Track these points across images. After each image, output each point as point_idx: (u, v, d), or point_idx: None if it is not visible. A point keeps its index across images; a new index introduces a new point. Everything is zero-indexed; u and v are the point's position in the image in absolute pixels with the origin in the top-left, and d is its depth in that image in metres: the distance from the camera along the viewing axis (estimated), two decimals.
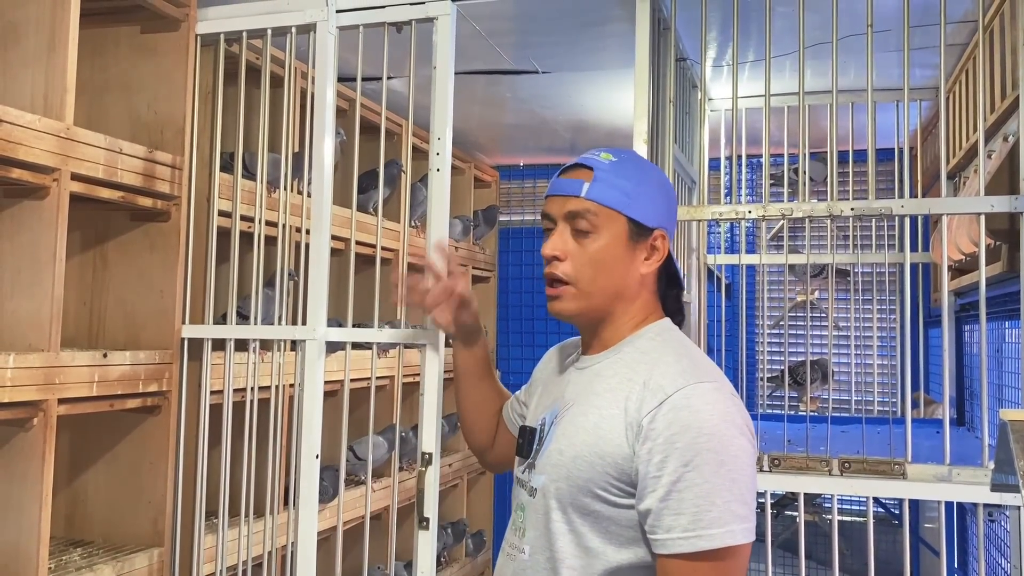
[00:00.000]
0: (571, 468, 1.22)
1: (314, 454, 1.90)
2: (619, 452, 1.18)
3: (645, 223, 1.28)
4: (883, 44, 2.25)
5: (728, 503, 1.12)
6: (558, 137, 3.75)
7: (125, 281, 2.07)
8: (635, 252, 1.28)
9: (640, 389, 1.19)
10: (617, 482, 1.18)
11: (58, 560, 1.87)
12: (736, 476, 1.13)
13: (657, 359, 1.23)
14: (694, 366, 1.22)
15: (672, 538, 1.12)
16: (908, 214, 1.72)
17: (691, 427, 1.13)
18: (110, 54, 2.11)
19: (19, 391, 1.63)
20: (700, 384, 1.17)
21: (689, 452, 1.12)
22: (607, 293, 1.28)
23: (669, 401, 1.16)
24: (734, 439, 1.15)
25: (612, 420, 1.20)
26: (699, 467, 1.12)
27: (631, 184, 1.28)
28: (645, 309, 1.32)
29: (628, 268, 1.28)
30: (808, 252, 2.87)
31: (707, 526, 1.11)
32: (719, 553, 1.11)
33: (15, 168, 1.66)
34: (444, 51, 1.84)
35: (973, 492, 1.61)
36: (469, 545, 3.82)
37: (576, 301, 1.29)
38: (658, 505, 1.13)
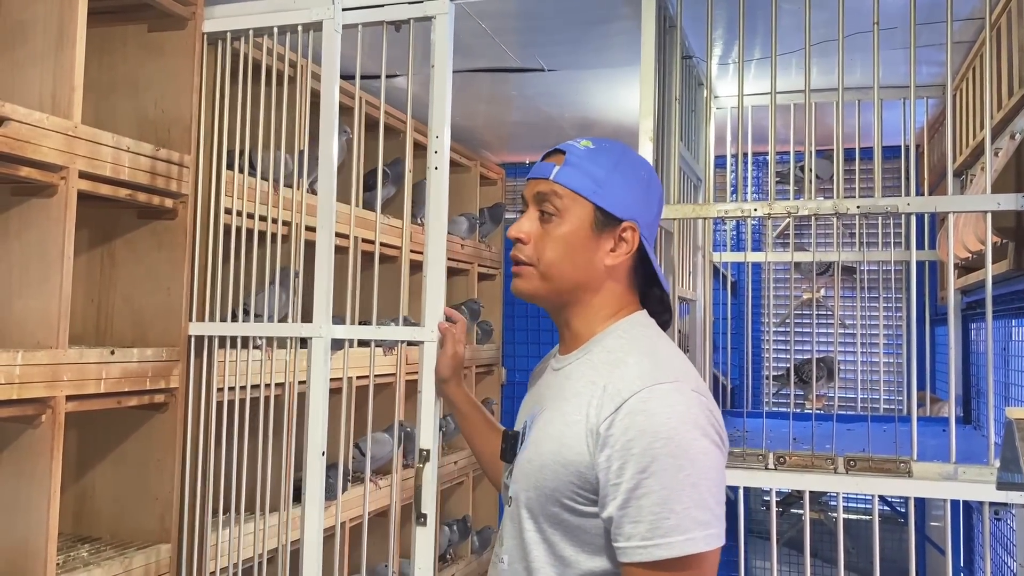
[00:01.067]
0: (538, 477, 1.19)
1: (320, 451, 1.91)
2: (581, 460, 1.14)
3: (614, 213, 1.24)
4: (889, 42, 2.25)
5: (688, 509, 1.07)
6: (564, 135, 3.75)
7: (132, 279, 2.08)
8: (599, 241, 1.24)
9: (600, 394, 1.16)
10: (581, 491, 1.15)
11: (66, 556, 1.88)
12: (697, 480, 1.08)
13: (620, 360, 1.19)
14: (655, 366, 1.17)
15: (632, 546, 1.09)
16: (914, 212, 1.72)
17: (647, 432, 1.09)
18: (117, 52, 2.12)
19: (27, 388, 1.64)
20: (657, 386, 1.12)
21: (646, 458, 1.08)
22: (567, 279, 1.25)
23: (626, 406, 1.12)
24: (694, 441, 1.10)
25: (575, 427, 1.17)
26: (656, 473, 1.08)
27: (603, 172, 1.24)
28: (615, 303, 1.27)
29: (591, 257, 1.24)
30: (814, 250, 2.87)
31: (666, 534, 1.07)
32: (680, 562, 1.07)
33: (23, 166, 1.67)
34: (442, 50, 1.84)
35: (979, 490, 1.60)
36: (475, 542, 3.83)
37: (533, 281, 1.27)
38: (618, 513, 1.10)
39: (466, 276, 3.87)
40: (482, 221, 3.92)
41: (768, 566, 1.83)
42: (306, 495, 1.90)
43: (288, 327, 2.01)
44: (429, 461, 1.75)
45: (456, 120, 3.51)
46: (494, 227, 4.06)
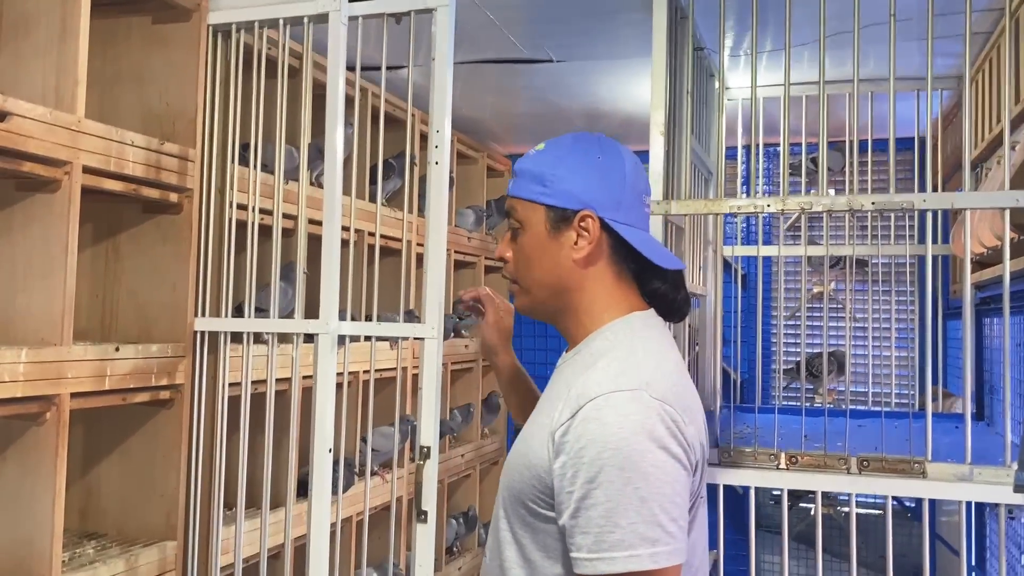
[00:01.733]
0: (509, 478, 1.19)
1: (327, 447, 1.89)
2: (540, 464, 1.13)
3: (564, 206, 1.21)
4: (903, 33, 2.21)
5: (634, 524, 1.03)
6: (572, 126, 3.72)
7: (137, 273, 2.06)
8: (560, 240, 1.21)
9: (566, 398, 1.13)
10: (541, 495, 1.13)
11: (72, 552, 1.87)
12: (646, 495, 1.04)
13: (592, 364, 1.16)
14: (621, 372, 1.12)
15: (580, 558, 1.06)
16: (930, 209, 1.69)
17: (597, 440, 1.06)
18: (122, 45, 2.09)
19: (31, 385, 1.62)
20: (616, 393, 1.08)
21: (594, 467, 1.05)
22: (544, 286, 1.24)
23: (581, 412, 1.09)
24: (647, 453, 1.05)
25: (541, 431, 1.15)
26: (603, 484, 1.04)
27: (547, 169, 1.22)
28: (605, 299, 1.23)
29: (556, 257, 1.21)
30: (827, 243, 2.83)
31: (609, 548, 1.04)
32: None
33: (26, 161, 1.65)
34: (443, 42, 1.81)
35: (995, 492, 1.58)
36: (481, 535, 3.82)
37: (522, 298, 1.28)
38: (570, 522, 1.07)
39: (473, 269, 3.85)
40: (489, 213, 3.89)
41: (776, 560, 1.81)
42: (313, 491, 1.89)
43: (294, 323, 1.99)
44: (430, 458, 1.73)
45: (463, 111, 3.49)
46: (501, 219, 4.03)
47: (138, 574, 1.88)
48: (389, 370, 2.70)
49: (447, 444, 3.51)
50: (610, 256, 1.22)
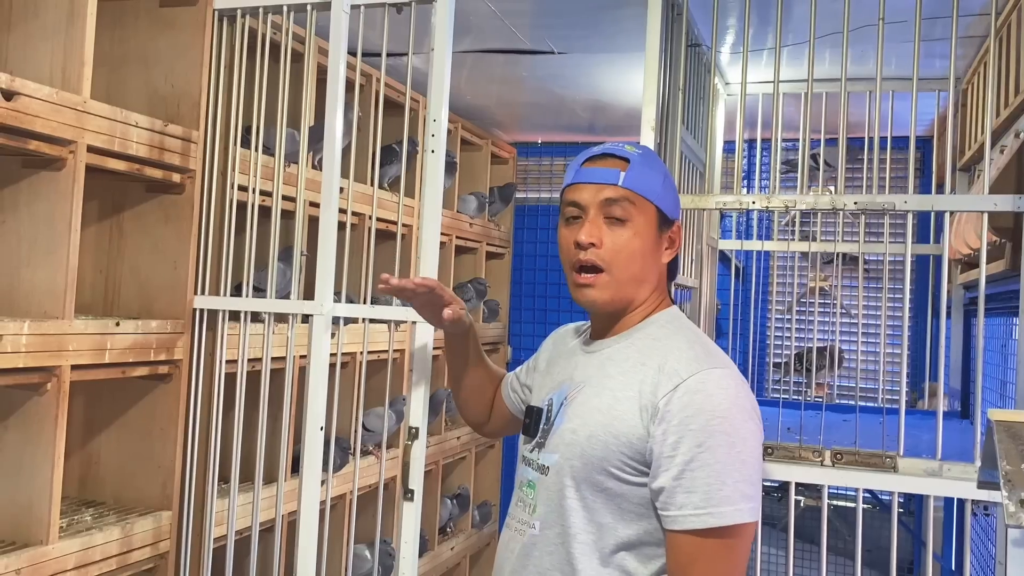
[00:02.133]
0: (585, 447, 1.26)
1: (318, 425, 1.95)
2: (633, 432, 1.22)
3: (669, 215, 1.34)
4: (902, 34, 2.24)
5: (737, 483, 1.17)
6: (576, 116, 3.75)
7: (139, 251, 2.12)
8: (660, 242, 1.33)
9: (655, 373, 1.24)
10: (631, 461, 1.23)
11: (70, 519, 1.93)
12: (745, 458, 1.19)
13: (670, 345, 1.28)
14: (707, 353, 1.27)
15: (684, 515, 1.18)
16: (911, 210, 1.73)
17: (704, 410, 1.18)
18: (129, 27, 2.14)
19: (33, 356, 1.68)
20: (713, 370, 1.22)
21: (703, 434, 1.17)
22: (636, 281, 1.32)
23: (684, 385, 1.20)
24: (744, 423, 1.20)
25: (627, 402, 1.24)
26: (711, 448, 1.17)
27: (659, 176, 1.33)
28: (657, 297, 1.36)
29: (655, 258, 1.33)
30: (819, 240, 2.87)
31: (717, 504, 1.16)
32: (728, 531, 1.17)
33: (33, 140, 1.70)
34: (442, 33, 1.84)
35: (962, 488, 1.62)
36: (475, 516, 3.88)
37: (609, 290, 1.32)
38: (671, 483, 1.18)
39: (474, 255, 3.89)
40: (492, 200, 3.93)
41: (762, 550, 1.86)
42: (304, 467, 1.94)
43: (291, 303, 2.04)
44: (418, 439, 1.79)
45: (468, 99, 3.52)
46: (504, 206, 4.07)
47: (133, 542, 1.94)
48: (384, 352, 2.75)
49: (443, 426, 3.57)
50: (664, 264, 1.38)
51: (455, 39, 1.88)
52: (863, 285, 2.91)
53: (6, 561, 1.63)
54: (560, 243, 1.37)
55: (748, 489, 1.18)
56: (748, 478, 1.19)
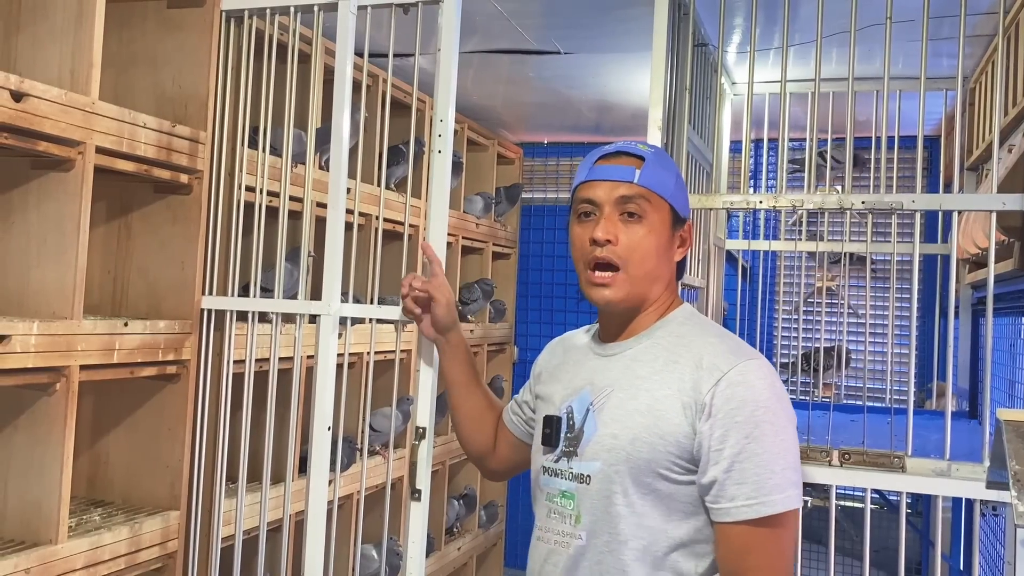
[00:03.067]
0: (630, 451, 1.25)
1: (326, 425, 1.95)
2: (679, 431, 1.23)
3: (681, 213, 1.35)
4: (910, 33, 2.23)
5: (784, 470, 1.20)
6: (582, 116, 3.75)
7: (147, 252, 2.12)
8: (673, 240, 1.35)
9: (693, 370, 1.25)
10: (679, 459, 1.24)
11: (79, 519, 1.94)
12: (789, 445, 1.22)
13: (700, 341, 1.29)
14: (738, 345, 1.29)
15: (736, 506, 1.19)
16: (919, 209, 1.72)
17: (748, 401, 1.20)
18: (136, 28, 2.15)
19: (42, 357, 1.69)
20: (750, 360, 1.24)
21: (749, 425, 1.19)
22: (650, 279, 1.32)
23: (726, 378, 1.22)
24: (784, 410, 1.23)
25: (667, 400, 1.25)
26: (758, 438, 1.19)
27: (672, 175, 1.34)
28: (669, 296, 1.37)
29: (668, 255, 1.34)
30: (827, 240, 2.86)
31: (768, 492, 1.18)
32: (778, 518, 1.19)
33: (41, 141, 1.71)
34: (449, 34, 1.84)
35: (970, 488, 1.62)
36: (482, 516, 3.88)
37: (625, 288, 1.31)
38: (722, 476, 1.20)
39: (480, 255, 3.89)
40: (498, 200, 3.93)
41: None
42: (311, 467, 1.95)
43: (298, 304, 2.05)
44: (425, 439, 1.79)
45: (475, 99, 3.52)
46: (510, 206, 4.07)
47: (142, 542, 1.95)
48: (391, 352, 2.76)
49: (449, 426, 3.57)
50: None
51: (461, 39, 1.88)
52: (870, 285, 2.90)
53: (16, 560, 1.64)
54: (573, 241, 1.36)
55: (794, 476, 1.21)
56: (793, 464, 1.21)
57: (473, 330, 3.71)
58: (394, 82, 2.56)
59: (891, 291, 2.18)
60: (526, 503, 4.72)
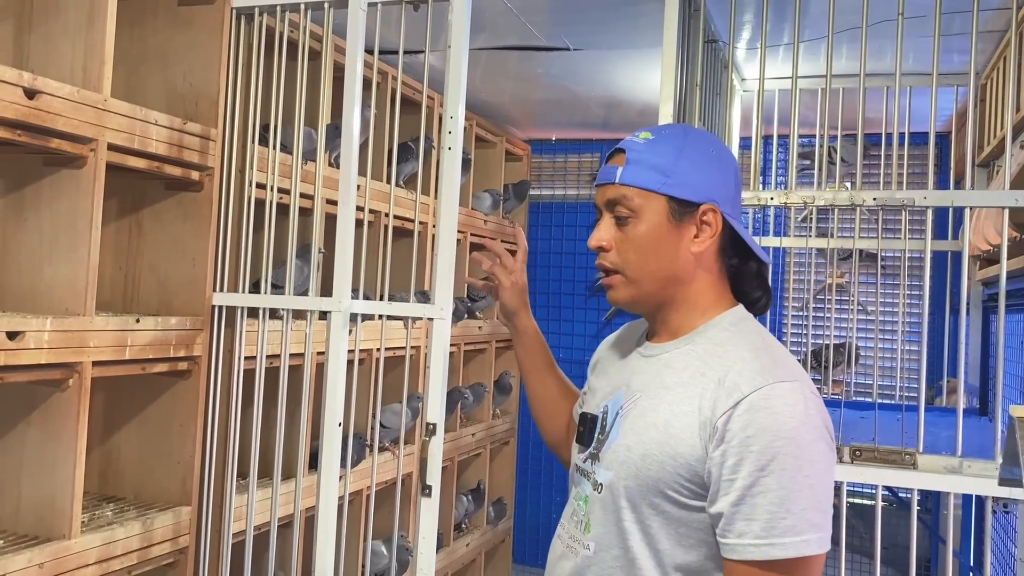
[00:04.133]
0: (640, 466, 1.17)
1: (336, 421, 1.96)
2: (691, 453, 1.13)
3: (689, 199, 1.21)
4: (921, 29, 2.23)
5: (804, 511, 1.06)
6: (591, 113, 3.75)
7: (159, 248, 2.13)
8: (681, 231, 1.22)
9: (715, 387, 1.14)
10: (688, 483, 1.14)
11: (91, 514, 1.95)
12: (814, 482, 1.08)
13: (733, 354, 1.17)
14: (773, 363, 1.15)
15: (743, 544, 1.08)
16: (930, 206, 1.72)
17: (768, 430, 1.08)
18: (148, 25, 2.15)
19: (55, 353, 1.70)
20: (780, 384, 1.11)
21: (765, 456, 1.07)
22: (658, 278, 1.23)
23: (746, 401, 1.10)
24: (813, 443, 1.09)
25: (685, 418, 1.15)
26: (775, 472, 1.07)
27: (667, 160, 1.21)
28: (712, 292, 1.25)
29: (676, 249, 1.22)
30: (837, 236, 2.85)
31: (781, 534, 1.06)
32: (792, 564, 1.06)
33: (54, 138, 1.72)
34: (459, 31, 1.84)
35: (983, 485, 1.61)
36: (490, 512, 3.89)
37: (626, 289, 1.24)
38: (730, 509, 1.09)
39: (489, 252, 3.89)
40: (506, 197, 3.93)
41: None
42: (322, 463, 1.96)
43: (308, 300, 2.05)
44: (435, 435, 1.79)
45: (483, 96, 3.52)
46: (518, 203, 4.07)
47: (154, 537, 1.96)
48: (401, 349, 2.76)
49: (458, 423, 3.58)
50: (719, 250, 1.25)
51: (471, 36, 1.89)
52: (881, 281, 2.90)
53: (29, 555, 1.65)
54: None
55: (816, 517, 1.07)
56: (816, 505, 1.07)
57: (481, 327, 3.71)
58: (404, 79, 2.57)
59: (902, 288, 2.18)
60: (535, 499, 4.74)
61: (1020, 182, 1.78)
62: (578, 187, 4.37)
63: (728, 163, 1.26)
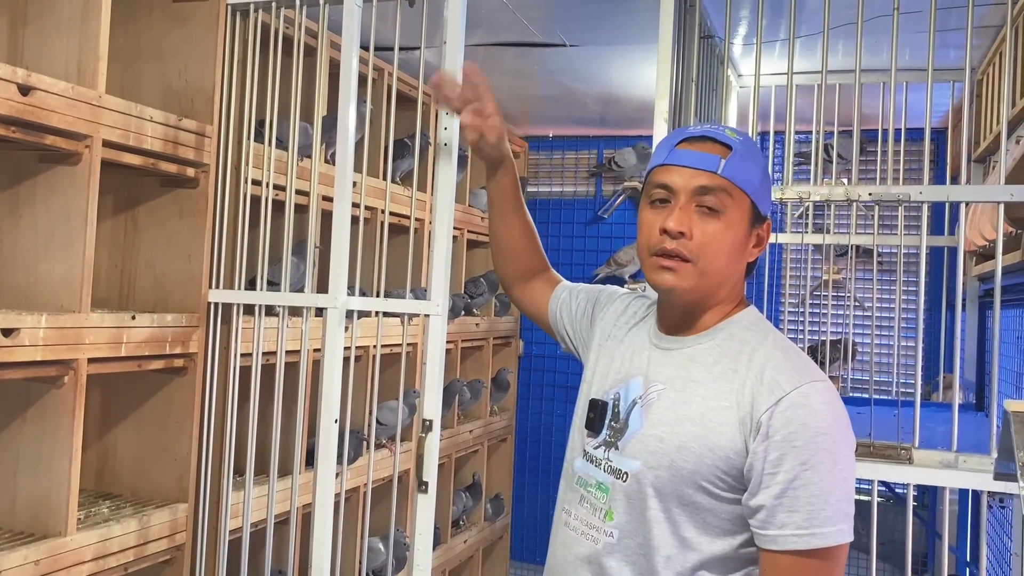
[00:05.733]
0: (675, 457, 1.20)
1: (333, 418, 1.96)
2: (731, 446, 1.17)
3: (763, 210, 1.25)
4: (917, 24, 2.23)
5: (840, 502, 1.13)
6: (588, 109, 3.74)
7: (154, 245, 2.13)
8: (749, 239, 1.25)
9: (753, 383, 1.18)
10: (725, 476, 1.18)
11: (87, 511, 1.95)
12: (847, 475, 1.15)
13: (764, 352, 1.21)
14: (805, 364, 1.22)
15: (785, 535, 1.13)
16: (926, 201, 1.72)
17: (809, 426, 1.14)
18: (143, 21, 2.15)
19: (51, 350, 1.70)
20: (815, 383, 1.17)
21: (807, 451, 1.13)
22: (721, 276, 1.24)
23: (787, 399, 1.15)
24: (845, 439, 1.17)
25: (723, 412, 1.18)
26: (816, 466, 1.13)
27: (758, 168, 1.24)
28: (737, 294, 1.29)
29: (743, 254, 1.25)
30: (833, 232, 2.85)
31: (821, 524, 1.12)
32: (829, 552, 1.13)
33: (49, 135, 1.72)
34: (454, 27, 1.84)
35: (978, 479, 1.62)
36: (488, 509, 3.89)
37: (691, 279, 1.22)
38: (772, 502, 1.14)
39: (486, 249, 3.89)
40: None
41: None
42: (318, 460, 1.95)
43: (305, 297, 2.05)
44: (432, 431, 1.79)
45: None
46: None
47: (150, 534, 1.96)
48: (398, 345, 2.76)
49: (455, 419, 3.57)
50: None
51: (466, 32, 1.88)
52: (877, 277, 2.90)
53: (25, 552, 1.65)
54: (641, 225, 1.26)
55: (848, 508, 1.15)
56: (848, 496, 1.15)
57: (479, 324, 3.71)
58: (399, 75, 2.56)
59: (898, 284, 2.18)
60: (532, 496, 4.72)
61: (1016, 177, 1.78)
62: (575, 184, 4.36)
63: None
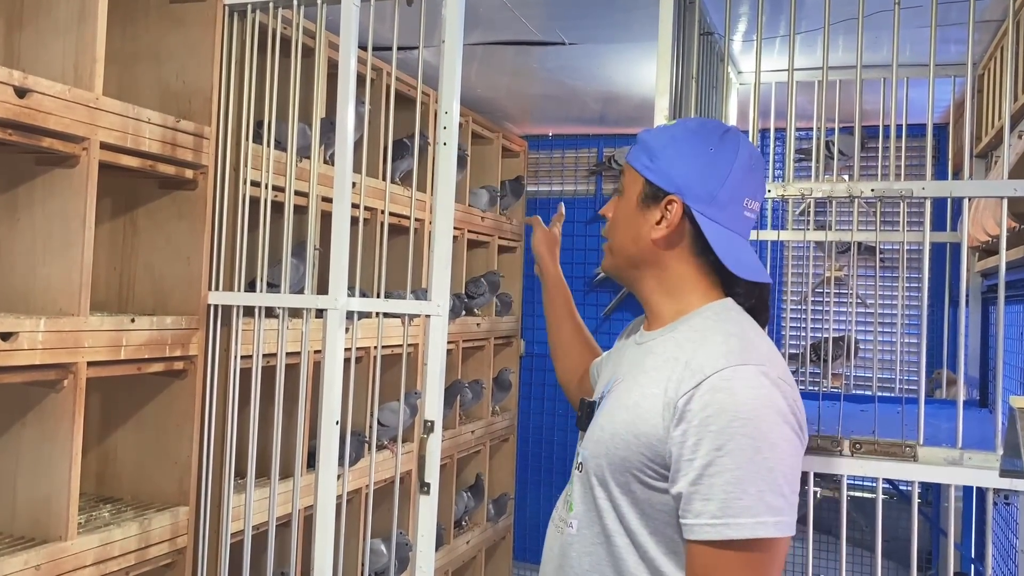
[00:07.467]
0: (609, 445, 1.20)
1: (334, 420, 1.95)
2: (654, 433, 1.14)
3: (659, 185, 1.25)
4: (918, 19, 2.21)
5: (761, 493, 1.06)
6: (587, 108, 3.73)
7: (153, 248, 2.12)
8: (646, 215, 1.26)
9: (681, 369, 1.15)
10: (651, 463, 1.15)
11: (88, 515, 1.94)
12: (773, 465, 1.07)
13: (705, 338, 1.18)
14: (742, 347, 1.15)
15: (699, 524, 1.09)
16: (929, 196, 1.71)
17: (727, 410, 1.08)
18: (140, 23, 2.14)
19: (50, 353, 1.69)
20: (743, 366, 1.11)
21: (723, 436, 1.08)
22: (623, 254, 1.31)
23: (707, 382, 1.11)
24: (775, 426, 1.09)
25: (652, 399, 1.17)
26: (732, 452, 1.07)
27: (658, 146, 1.27)
28: (691, 284, 1.26)
29: (638, 230, 1.27)
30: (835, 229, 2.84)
31: (736, 514, 1.06)
32: (749, 544, 1.06)
33: (46, 137, 1.71)
34: (453, 26, 1.83)
35: (984, 477, 1.60)
36: (490, 509, 3.88)
37: (607, 258, 1.35)
38: (688, 489, 1.09)
39: (486, 248, 3.89)
40: (503, 194, 3.92)
41: None
42: (320, 462, 1.95)
43: (304, 298, 2.04)
44: (433, 432, 1.79)
45: (479, 92, 3.51)
46: (515, 200, 4.06)
47: (151, 537, 1.95)
48: (399, 346, 2.75)
49: (457, 420, 3.57)
50: (691, 245, 1.26)
51: (465, 31, 1.87)
52: (879, 274, 2.89)
53: (26, 557, 1.64)
54: None
55: (775, 500, 1.07)
56: (775, 488, 1.07)
57: (480, 323, 3.70)
58: (398, 75, 2.56)
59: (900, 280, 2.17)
60: (535, 496, 4.73)
61: (1019, 172, 1.77)
62: (575, 183, 4.35)
63: (721, 163, 1.24)
